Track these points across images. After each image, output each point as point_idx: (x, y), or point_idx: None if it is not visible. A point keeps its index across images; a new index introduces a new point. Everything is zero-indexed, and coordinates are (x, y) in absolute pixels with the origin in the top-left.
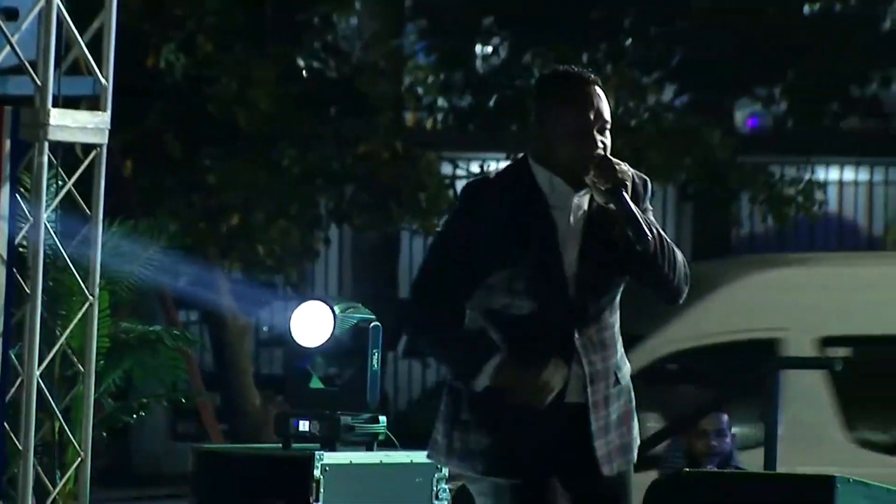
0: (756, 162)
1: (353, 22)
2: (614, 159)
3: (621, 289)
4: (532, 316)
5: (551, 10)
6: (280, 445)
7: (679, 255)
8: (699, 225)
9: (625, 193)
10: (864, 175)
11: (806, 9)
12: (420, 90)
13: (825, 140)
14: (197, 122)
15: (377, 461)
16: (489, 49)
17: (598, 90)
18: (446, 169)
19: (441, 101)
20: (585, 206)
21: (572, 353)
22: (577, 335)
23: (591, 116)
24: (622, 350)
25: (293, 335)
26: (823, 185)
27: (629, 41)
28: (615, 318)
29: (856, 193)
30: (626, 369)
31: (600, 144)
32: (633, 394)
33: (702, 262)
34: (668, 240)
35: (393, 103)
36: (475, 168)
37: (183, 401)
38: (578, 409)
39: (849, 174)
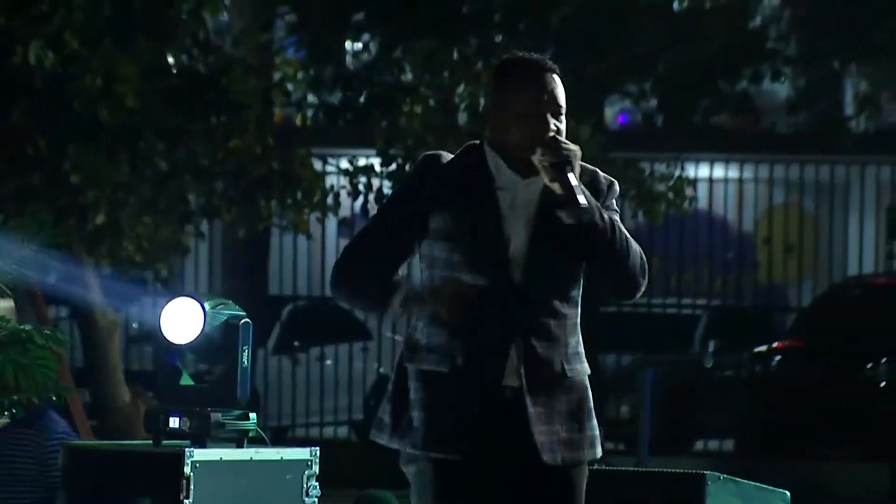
0: (627, 158)
1: (223, 18)
2: (565, 140)
3: (578, 283)
4: (475, 292)
5: (421, 6)
6: (150, 442)
7: (636, 247)
8: None
9: (570, 171)
10: (734, 172)
11: (675, 5)
12: (290, 86)
13: (695, 136)
14: (62, 119)
15: (248, 458)
16: (359, 45)
17: (555, 77)
18: (316, 165)
19: (311, 97)
20: (537, 194)
21: (511, 333)
22: (517, 317)
23: (545, 99)
24: (580, 348)
25: (163, 331)
26: (694, 182)
27: (499, 37)
28: (570, 312)
29: (726, 190)
30: (581, 368)
31: (553, 127)
32: (590, 393)
33: None
34: (626, 232)
35: (261, 99)
36: (345, 164)
37: (53, 398)
38: (516, 392)
39: (719, 171)
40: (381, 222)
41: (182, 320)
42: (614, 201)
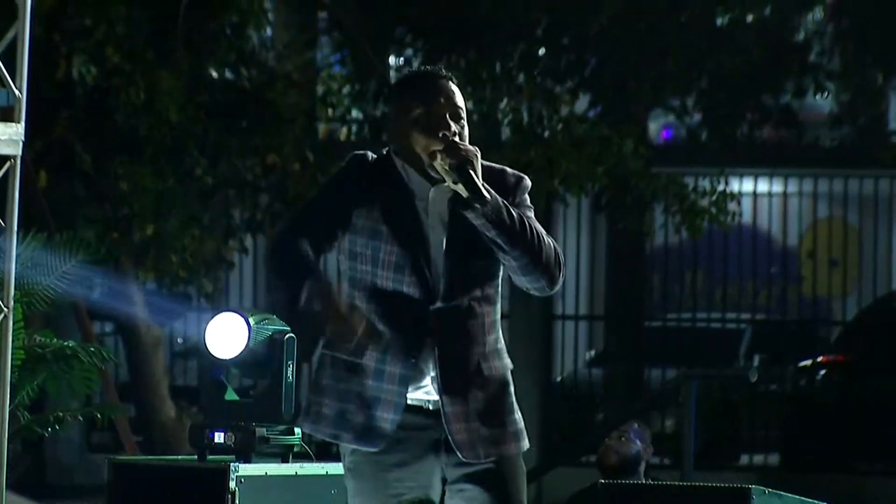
0: (670, 173)
1: (267, 33)
2: (461, 142)
3: (496, 282)
4: (393, 290)
5: (464, 19)
6: (195, 457)
7: (551, 241)
8: (613, 236)
9: (471, 170)
10: (777, 186)
11: (718, 20)
12: (333, 100)
13: (739, 151)
14: (105, 132)
15: (292, 473)
16: (402, 60)
17: (451, 84)
18: None
19: (356, 113)
20: (447, 198)
21: (427, 334)
22: (433, 319)
23: (441, 102)
24: (499, 345)
25: (208, 346)
26: (737, 197)
27: (542, 50)
28: (487, 310)
29: (770, 204)
30: (500, 364)
31: (454, 129)
32: (510, 388)
33: None
34: (539, 227)
35: (304, 114)
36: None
37: (98, 416)
38: (432, 392)
39: (763, 185)
40: (315, 209)
41: (227, 335)
42: (526, 196)
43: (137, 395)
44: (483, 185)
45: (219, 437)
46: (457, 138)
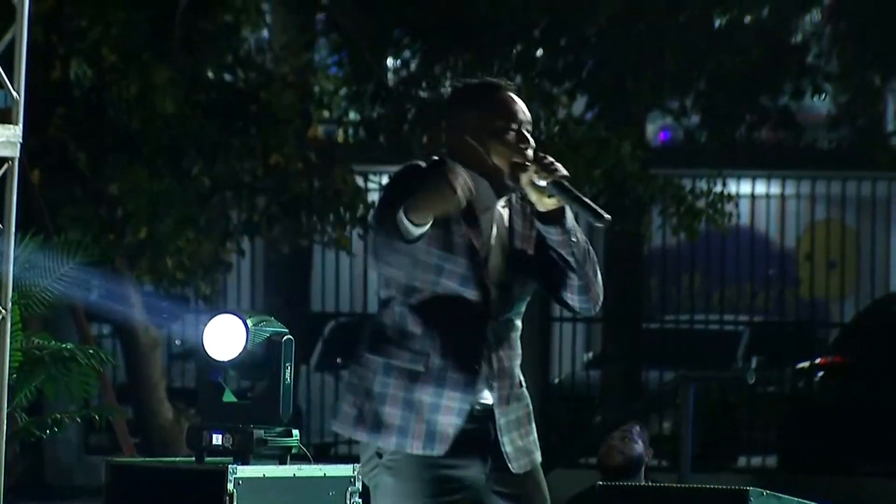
0: (668, 174)
1: (264, 34)
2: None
3: (529, 298)
4: (455, 300)
5: (462, 21)
6: (193, 459)
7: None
8: (611, 237)
9: (569, 185)
10: (775, 188)
11: (717, 21)
12: (327, 101)
13: (737, 152)
14: (101, 132)
15: (290, 474)
16: (399, 62)
17: (515, 95)
18: (358, 182)
19: (353, 115)
20: (507, 214)
21: (485, 346)
22: (491, 332)
23: (521, 117)
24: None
25: (205, 348)
26: (734, 198)
27: (539, 51)
28: (521, 326)
29: (768, 206)
30: (523, 376)
31: (533, 143)
32: (529, 400)
33: None
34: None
35: (300, 115)
36: (386, 181)
37: (96, 417)
38: (487, 404)
39: (760, 187)
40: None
41: (225, 337)
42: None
43: (135, 396)
44: (585, 199)
45: (216, 439)
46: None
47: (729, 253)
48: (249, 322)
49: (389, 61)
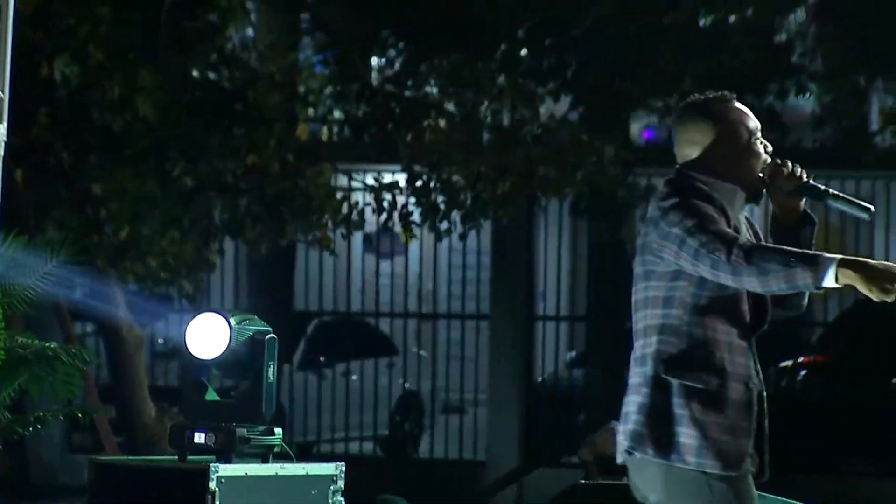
0: (652, 174)
1: (248, 33)
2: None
3: None
4: (742, 318)
5: (446, 20)
6: (176, 457)
7: None
8: (595, 238)
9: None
10: None
11: (701, 21)
12: (313, 99)
13: None
14: (83, 131)
15: (273, 473)
16: (384, 61)
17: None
18: (342, 181)
19: (338, 113)
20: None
21: (754, 361)
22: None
23: (758, 126)
24: None
25: (189, 347)
26: None
27: (524, 51)
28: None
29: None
30: None
31: (770, 149)
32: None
33: None
34: None
35: (285, 114)
36: (370, 180)
37: (80, 416)
38: (762, 400)
39: None
40: (717, 225)
41: (208, 336)
42: None
43: (119, 395)
44: (843, 195)
45: (199, 438)
46: None
47: None
48: (233, 320)
49: (374, 60)
